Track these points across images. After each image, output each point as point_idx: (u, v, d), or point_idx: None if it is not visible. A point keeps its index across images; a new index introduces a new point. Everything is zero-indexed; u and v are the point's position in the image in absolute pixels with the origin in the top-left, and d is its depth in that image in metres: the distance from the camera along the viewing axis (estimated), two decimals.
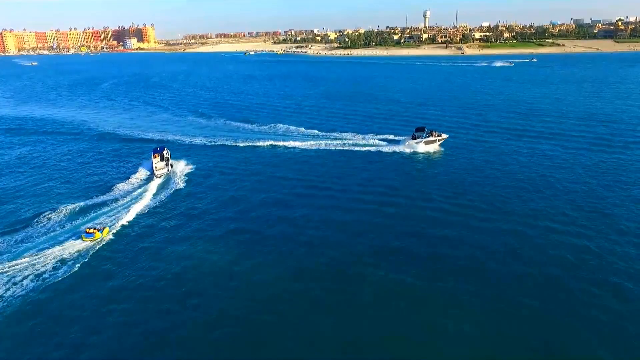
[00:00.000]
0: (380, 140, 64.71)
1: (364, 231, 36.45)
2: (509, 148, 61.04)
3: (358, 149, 61.33)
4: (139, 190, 46.08)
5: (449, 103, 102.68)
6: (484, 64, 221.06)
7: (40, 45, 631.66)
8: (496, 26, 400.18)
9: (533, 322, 25.27)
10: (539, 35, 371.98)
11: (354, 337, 24.65)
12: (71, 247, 33.78)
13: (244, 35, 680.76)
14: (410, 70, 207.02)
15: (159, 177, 49.65)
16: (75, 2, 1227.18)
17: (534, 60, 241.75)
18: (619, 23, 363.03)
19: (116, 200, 43.53)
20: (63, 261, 31.95)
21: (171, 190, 46.40)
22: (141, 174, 51.44)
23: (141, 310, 27.21)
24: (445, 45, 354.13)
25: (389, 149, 60.86)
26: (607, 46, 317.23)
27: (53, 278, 30.00)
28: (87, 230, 35.10)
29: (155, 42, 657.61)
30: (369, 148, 61.32)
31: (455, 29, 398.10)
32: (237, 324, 25.81)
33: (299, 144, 63.71)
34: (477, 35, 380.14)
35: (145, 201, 43.17)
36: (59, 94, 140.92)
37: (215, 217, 39.90)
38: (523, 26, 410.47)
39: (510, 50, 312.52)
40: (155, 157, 52.37)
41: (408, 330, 25.08)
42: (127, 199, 43.85)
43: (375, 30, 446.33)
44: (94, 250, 33.65)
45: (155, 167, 50.77)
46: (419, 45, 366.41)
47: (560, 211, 39.52)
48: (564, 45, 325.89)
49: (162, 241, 35.56)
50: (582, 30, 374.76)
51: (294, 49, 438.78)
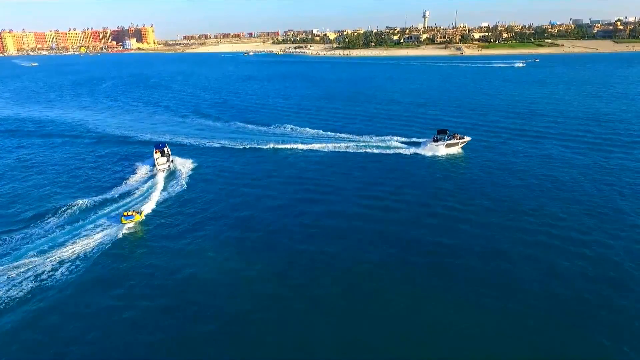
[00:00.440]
0: (400, 142, 62.37)
1: (376, 237, 36.12)
2: (536, 151, 58.09)
3: (370, 150, 59.40)
4: (145, 186, 47.66)
5: (470, 106, 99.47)
6: (503, 64, 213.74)
7: (39, 45, 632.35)
8: (495, 26, 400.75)
9: (545, 325, 25.45)
10: (538, 35, 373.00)
11: (354, 337, 24.80)
12: (109, 231, 36.77)
13: (243, 36, 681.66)
14: (409, 71, 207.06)
15: (162, 172, 51.88)
16: (74, 3, 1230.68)
17: (536, 60, 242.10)
18: (618, 23, 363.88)
19: (123, 196, 45.36)
20: (82, 257, 32.30)
21: (171, 191, 46.65)
22: (144, 170, 53.46)
23: (141, 310, 27.42)
24: (444, 45, 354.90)
25: (409, 151, 58.83)
26: (606, 46, 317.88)
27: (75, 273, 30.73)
28: (125, 213, 38.40)
29: (154, 43, 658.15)
30: (387, 151, 59.22)
31: (455, 30, 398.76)
32: (237, 324, 25.99)
33: (302, 145, 62.54)
34: (477, 35, 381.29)
35: (147, 201, 43.46)
36: (60, 95, 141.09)
37: (216, 217, 40.11)
38: (522, 26, 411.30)
39: (509, 51, 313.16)
40: (157, 153, 55.23)
41: (408, 330, 25.27)
42: (135, 194, 45.46)
43: (375, 30, 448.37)
44: (104, 248, 34.21)
45: (157, 162, 53.21)
46: (419, 46, 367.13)
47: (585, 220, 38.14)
48: (563, 45, 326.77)
49: (162, 241, 35.80)
50: (581, 31, 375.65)
51: (294, 50, 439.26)
